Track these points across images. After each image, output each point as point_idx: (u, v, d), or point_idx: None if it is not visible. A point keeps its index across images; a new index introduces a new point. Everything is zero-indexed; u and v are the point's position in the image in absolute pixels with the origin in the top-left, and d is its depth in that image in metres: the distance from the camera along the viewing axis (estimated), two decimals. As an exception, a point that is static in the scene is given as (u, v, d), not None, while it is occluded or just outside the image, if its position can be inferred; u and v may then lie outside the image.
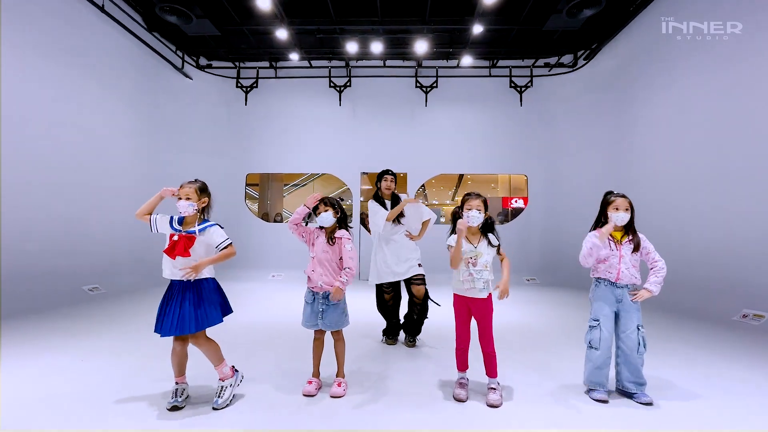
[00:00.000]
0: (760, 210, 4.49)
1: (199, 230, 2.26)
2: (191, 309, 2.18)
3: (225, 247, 2.30)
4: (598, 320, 2.45)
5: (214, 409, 2.20)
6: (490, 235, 2.46)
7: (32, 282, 4.93)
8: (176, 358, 2.27)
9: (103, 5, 6.03)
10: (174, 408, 2.17)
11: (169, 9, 5.57)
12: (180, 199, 2.25)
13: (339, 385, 2.47)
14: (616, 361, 2.48)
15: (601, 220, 2.54)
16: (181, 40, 7.86)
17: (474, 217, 2.41)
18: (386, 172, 3.79)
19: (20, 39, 4.89)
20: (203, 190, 2.32)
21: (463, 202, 2.49)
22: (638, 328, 2.41)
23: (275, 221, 10.51)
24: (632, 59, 6.67)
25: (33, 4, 5.10)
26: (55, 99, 5.41)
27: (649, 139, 6.22)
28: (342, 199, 5.58)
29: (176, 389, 2.25)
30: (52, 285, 5.16)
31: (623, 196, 2.48)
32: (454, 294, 2.50)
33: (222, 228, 2.35)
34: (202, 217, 2.34)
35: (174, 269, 2.21)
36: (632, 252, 2.46)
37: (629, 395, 2.43)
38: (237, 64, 8.82)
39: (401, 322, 3.73)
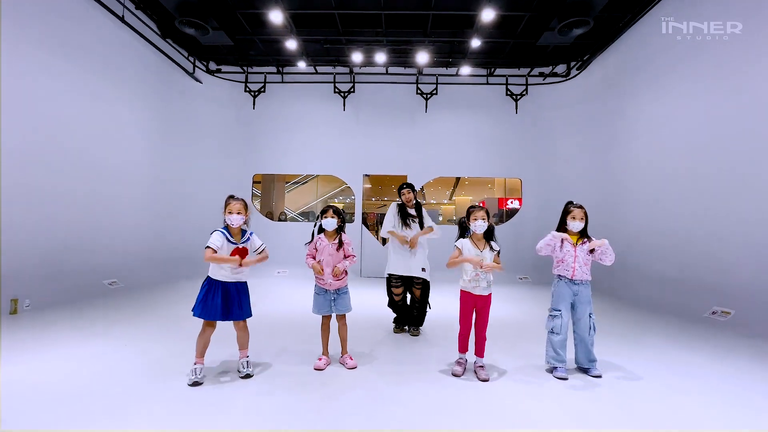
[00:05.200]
0: (733, 212, 4.74)
1: (247, 241, 2.80)
2: (241, 301, 2.73)
3: (262, 251, 2.85)
4: (559, 310, 2.95)
5: (247, 376, 2.69)
6: (493, 243, 2.92)
7: (58, 277, 5.29)
8: (203, 340, 2.69)
9: (123, 16, 6.38)
10: (195, 383, 2.55)
11: (187, 22, 5.93)
12: (231, 213, 2.69)
13: (351, 358, 3.01)
14: (574, 343, 3.01)
15: (562, 225, 3.03)
16: (193, 47, 8.22)
17: (480, 225, 2.87)
18: (402, 186, 4.17)
19: (34, 38, 5.00)
20: (247, 205, 2.79)
21: (469, 213, 2.93)
22: (590, 316, 2.92)
23: (279, 220, 10.91)
24: (622, 69, 7.05)
25: (50, 8, 5.23)
26: (69, 100, 5.52)
27: (637, 143, 6.59)
28: (344, 211, 6.03)
29: (195, 368, 2.61)
30: (76, 280, 5.54)
31: (580, 207, 2.96)
32: (461, 290, 2.96)
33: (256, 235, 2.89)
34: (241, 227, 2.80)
35: (226, 273, 2.71)
36: (588, 253, 2.93)
37: (584, 371, 2.95)
38: (245, 69, 9.19)
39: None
